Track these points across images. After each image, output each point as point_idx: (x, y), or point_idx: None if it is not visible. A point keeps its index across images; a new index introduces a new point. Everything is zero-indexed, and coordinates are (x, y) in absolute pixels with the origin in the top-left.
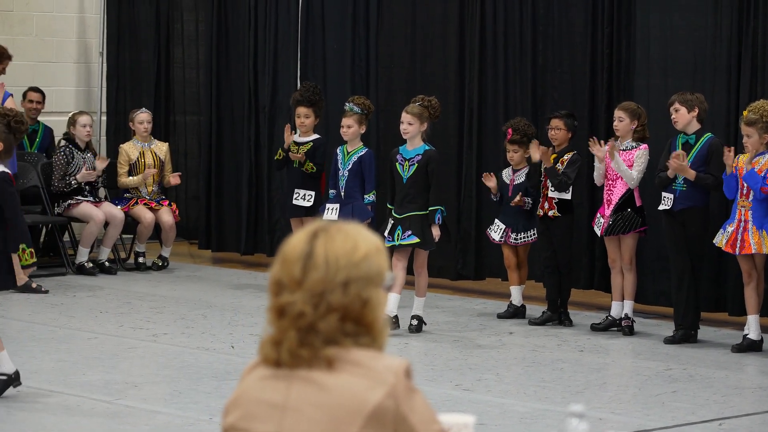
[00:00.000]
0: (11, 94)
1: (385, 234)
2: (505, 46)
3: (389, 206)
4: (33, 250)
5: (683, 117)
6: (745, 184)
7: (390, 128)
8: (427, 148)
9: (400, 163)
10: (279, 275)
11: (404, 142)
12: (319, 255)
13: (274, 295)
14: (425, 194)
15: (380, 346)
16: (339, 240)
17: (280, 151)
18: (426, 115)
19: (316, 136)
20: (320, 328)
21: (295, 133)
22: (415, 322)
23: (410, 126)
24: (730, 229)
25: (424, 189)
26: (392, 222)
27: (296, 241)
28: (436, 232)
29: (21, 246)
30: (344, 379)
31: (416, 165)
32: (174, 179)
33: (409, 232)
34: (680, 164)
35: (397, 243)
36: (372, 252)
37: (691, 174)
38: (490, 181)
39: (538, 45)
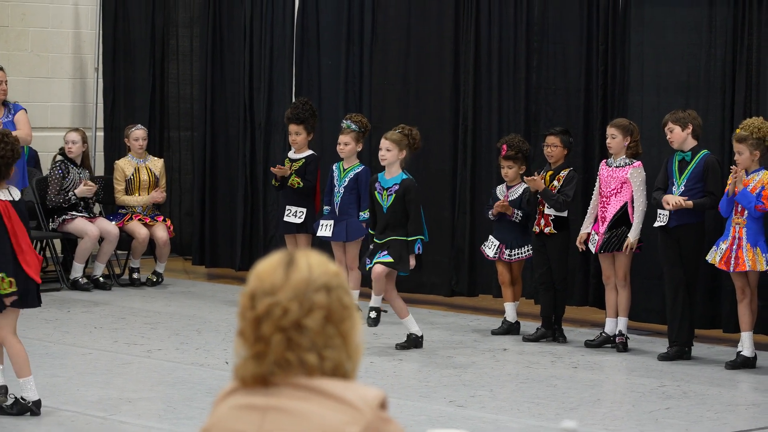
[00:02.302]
0: (23, 108)
1: (367, 258)
2: (500, 62)
3: (371, 231)
4: (12, 280)
5: (678, 136)
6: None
7: None
8: (404, 177)
9: (379, 192)
10: (254, 289)
11: None
12: (300, 261)
13: (248, 309)
14: (405, 222)
15: (353, 366)
16: (315, 256)
17: (273, 180)
18: (405, 143)
19: (309, 152)
20: (307, 324)
21: (290, 150)
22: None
23: (388, 152)
24: (723, 246)
25: (403, 218)
26: (372, 247)
27: (272, 258)
28: (413, 261)
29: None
30: (319, 411)
31: (394, 195)
32: (158, 195)
33: (385, 252)
34: (677, 205)
35: (372, 263)
36: (344, 277)
37: (689, 205)
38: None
39: (532, 62)
